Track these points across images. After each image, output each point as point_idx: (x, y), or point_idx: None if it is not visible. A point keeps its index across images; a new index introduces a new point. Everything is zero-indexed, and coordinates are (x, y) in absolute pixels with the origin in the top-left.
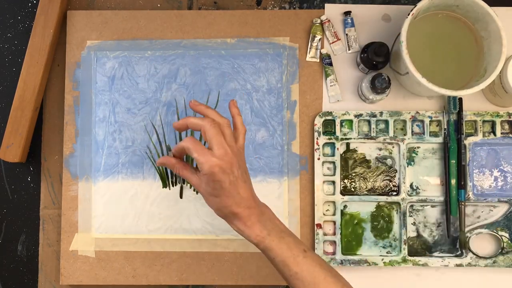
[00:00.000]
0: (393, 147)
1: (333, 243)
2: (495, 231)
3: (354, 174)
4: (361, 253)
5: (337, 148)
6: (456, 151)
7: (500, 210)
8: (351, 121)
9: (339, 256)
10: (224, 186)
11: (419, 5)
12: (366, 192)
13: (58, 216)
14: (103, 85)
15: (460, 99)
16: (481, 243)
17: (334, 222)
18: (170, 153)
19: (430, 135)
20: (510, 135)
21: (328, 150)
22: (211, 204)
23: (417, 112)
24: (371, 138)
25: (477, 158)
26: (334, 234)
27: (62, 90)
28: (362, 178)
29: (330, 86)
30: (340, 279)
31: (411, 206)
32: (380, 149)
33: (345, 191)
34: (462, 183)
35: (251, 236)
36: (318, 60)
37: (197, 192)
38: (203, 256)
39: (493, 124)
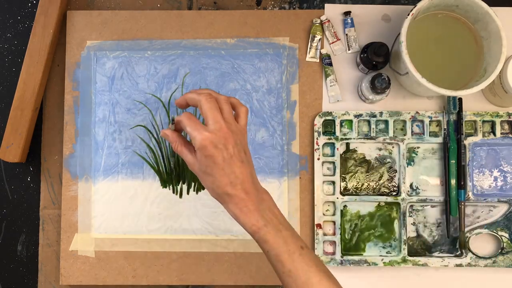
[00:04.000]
0: (393, 147)
1: (333, 243)
2: (494, 231)
3: (354, 174)
4: (361, 253)
5: (337, 148)
6: (456, 151)
7: (500, 210)
8: (351, 121)
9: (339, 256)
10: (216, 162)
11: (419, 5)
12: (366, 192)
13: (58, 216)
14: (103, 85)
15: (460, 99)
16: (480, 243)
17: (334, 222)
18: (172, 126)
19: (430, 135)
20: (510, 135)
21: (328, 150)
22: (205, 184)
23: (417, 112)
24: (371, 138)
25: (477, 158)
26: (334, 234)
27: (62, 90)
28: (362, 178)
29: (330, 86)
30: (335, 282)
31: (411, 206)
32: (380, 149)
33: (345, 191)
34: (462, 183)
35: (246, 224)
36: (318, 60)
37: (197, 192)
38: (203, 256)
39: (493, 124)
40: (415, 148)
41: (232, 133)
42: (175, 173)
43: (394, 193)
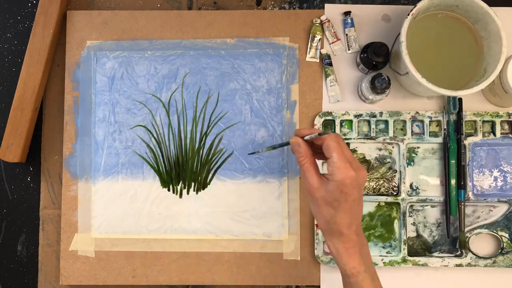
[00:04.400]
0: (393, 147)
1: None
2: (494, 231)
3: None
4: None
5: None
6: (456, 151)
7: (500, 210)
8: (351, 121)
9: None
10: (348, 200)
11: (419, 5)
12: (366, 192)
13: (58, 216)
14: (103, 85)
15: (460, 99)
16: (480, 243)
17: None
18: (311, 138)
19: (430, 135)
20: (510, 135)
21: None
22: (321, 213)
23: (417, 112)
24: (371, 138)
25: (477, 158)
26: None
27: (62, 90)
28: None
29: (330, 86)
30: None
31: (411, 206)
32: (380, 149)
33: None
34: (462, 183)
35: (346, 265)
36: (318, 60)
37: (197, 192)
38: (203, 256)
39: (492, 124)
40: (415, 148)
41: (364, 178)
42: (175, 173)
43: (394, 193)
